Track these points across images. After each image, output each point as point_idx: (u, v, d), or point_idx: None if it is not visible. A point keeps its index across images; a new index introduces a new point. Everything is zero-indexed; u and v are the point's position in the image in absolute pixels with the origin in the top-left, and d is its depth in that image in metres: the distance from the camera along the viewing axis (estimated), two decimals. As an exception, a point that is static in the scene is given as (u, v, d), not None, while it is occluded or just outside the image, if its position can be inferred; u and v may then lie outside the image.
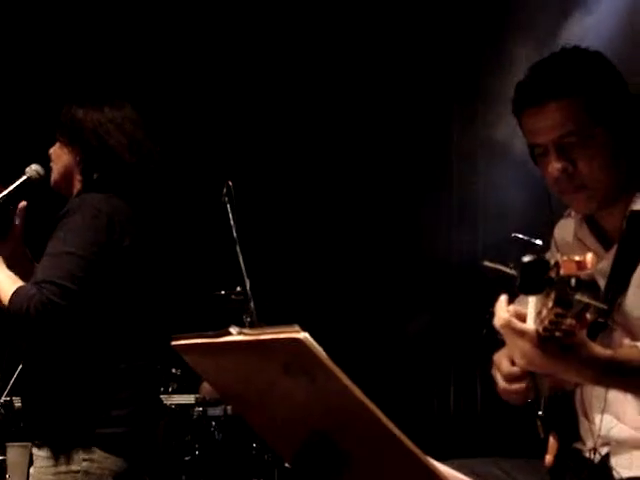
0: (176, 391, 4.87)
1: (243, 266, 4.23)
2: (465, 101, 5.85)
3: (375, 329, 5.99)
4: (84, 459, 2.75)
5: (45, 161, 3.05)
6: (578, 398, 2.16)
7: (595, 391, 2.10)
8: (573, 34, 4.57)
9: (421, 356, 5.95)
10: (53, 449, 2.78)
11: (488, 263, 2.11)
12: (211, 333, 1.68)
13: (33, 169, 3.04)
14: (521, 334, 1.73)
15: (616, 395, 2.04)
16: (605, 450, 2.11)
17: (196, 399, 4.76)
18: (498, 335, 1.82)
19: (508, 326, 1.75)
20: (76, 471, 2.75)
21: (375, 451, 1.65)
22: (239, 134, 6.19)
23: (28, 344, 2.89)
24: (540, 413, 2.03)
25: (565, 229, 2.33)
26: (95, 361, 2.80)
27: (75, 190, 2.98)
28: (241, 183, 4.33)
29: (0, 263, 2.86)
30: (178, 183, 4.33)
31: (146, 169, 2.98)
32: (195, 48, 6.10)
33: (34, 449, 2.87)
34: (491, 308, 1.80)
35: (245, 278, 4.26)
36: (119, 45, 5.91)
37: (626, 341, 2.05)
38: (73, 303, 2.69)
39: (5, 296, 2.72)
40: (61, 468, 2.76)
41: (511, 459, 2.25)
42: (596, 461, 2.10)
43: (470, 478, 1.97)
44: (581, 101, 2.11)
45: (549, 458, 1.97)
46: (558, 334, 1.67)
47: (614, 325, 2.09)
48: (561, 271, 1.61)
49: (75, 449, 2.75)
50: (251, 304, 4.28)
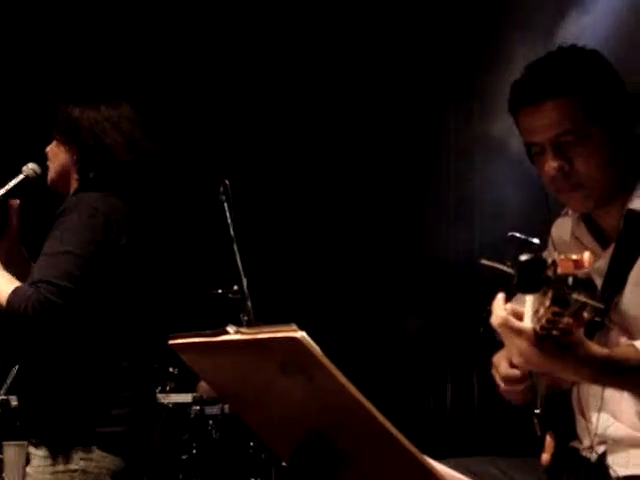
0: (173, 390, 4.86)
1: (240, 265, 4.23)
2: (461, 99, 5.85)
3: (372, 328, 5.99)
4: (82, 458, 2.74)
5: (42, 160, 3.05)
6: (575, 397, 2.16)
7: (592, 390, 2.10)
8: (570, 33, 4.57)
9: (418, 355, 5.95)
10: (51, 448, 2.77)
11: (485, 261, 2.12)
12: (208, 332, 1.68)
13: (30, 168, 3.04)
14: (518, 333, 1.73)
15: (613, 394, 2.04)
16: (602, 449, 2.11)
17: (193, 398, 4.75)
18: (495, 334, 1.82)
19: (505, 325, 1.75)
20: (74, 470, 2.74)
21: (372, 450, 1.65)
22: (236, 133, 6.19)
23: (25, 344, 2.88)
24: (537, 411, 2.03)
25: (562, 228, 2.33)
26: (94, 360, 2.80)
27: (72, 189, 2.98)
28: (238, 182, 4.34)
29: None
30: (175, 182, 4.32)
31: (143, 168, 2.98)
32: (192, 48, 6.09)
33: (31, 448, 2.86)
34: (488, 306, 1.80)
35: (242, 277, 4.26)
36: (116, 44, 5.90)
37: (623, 340, 2.05)
38: (71, 302, 2.69)
39: (2, 297, 2.72)
40: (59, 467, 2.75)
41: (508, 458, 2.25)
42: (593, 460, 2.10)
43: (467, 477, 1.98)
44: (578, 100, 2.11)
45: (546, 457, 1.98)
46: (555, 333, 1.67)
47: (611, 324, 2.09)
48: (558, 270, 1.61)
49: (74, 448, 2.75)
50: (248, 303, 4.29)
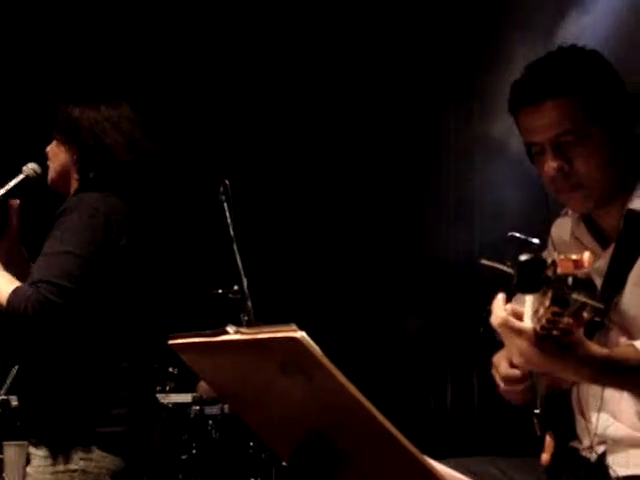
0: (173, 390, 4.86)
1: (240, 265, 4.23)
2: (461, 99, 5.85)
3: (372, 328, 5.99)
4: (82, 458, 2.74)
5: (42, 160, 3.05)
6: (575, 397, 2.16)
7: (592, 389, 2.10)
8: (570, 33, 4.56)
9: (418, 355, 5.95)
10: (51, 448, 2.77)
11: (485, 261, 2.12)
12: (208, 332, 1.68)
13: (30, 168, 3.04)
14: (518, 333, 1.73)
15: (612, 394, 2.04)
16: (601, 449, 2.11)
17: (193, 398, 4.75)
18: (495, 334, 1.82)
19: (505, 325, 1.75)
20: (74, 470, 2.74)
21: (372, 450, 1.65)
22: (236, 133, 6.18)
23: (25, 344, 2.88)
24: (537, 411, 2.03)
25: (562, 228, 2.33)
26: (94, 360, 2.79)
27: (72, 189, 2.98)
28: (238, 182, 4.33)
29: None
30: (175, 182, 4.32)
31: (143, 168, 2.98)
32: (192, 48, 6.09)
33: (31, 448, 2.86)
34: (488, 306, 1.80)
35: (242, 277, 4.26)
36: (116, 44, 5.89)
37: (623, 340, 2.05)
38: (71, 302, 2.69)
39: (2, 297, 2.71)
40: (59, 467, 2.75)
41: (508, 458, 2.25)
42: (592, 460, 2.10)
43: (467, 477, 1.98)
44: (578, 100, 2.11)
45: (546, 457, 1.98)
46: (555, 333, 1.67)
47: (611, 324, 2.09)
48: (558, 270, 1.61)
49: (74, 448, 2.74)
50: (248, 303, 4.28)
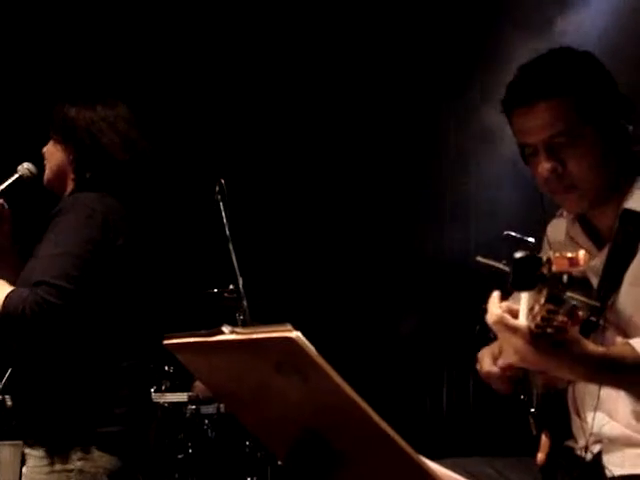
0: (169, 389, 4.86)
1: (236, 264, 4.22)
2: (456, 98, 5.84)
3: (367, 327, 5.99)
4: (80, 458, 2.73)
5: (39, 160, 3.04)
6: (570, 396, 2.16)
7: (588, 388, 2.10)
8: (569, 24, 4.57)
9: (414, 355, 5.95)
10: (49, 448, 2.76)
11: (480, 258, 2.12)
12: (203, 332, 1.68)
13: (25, 167, 3.04)
14: (513, 330, 1.73)
15: (609, 393, 2.04)
16: (597, 448, 2.11)
17: (189, 397, 4.74)
18: (491, 332, 1.82)
19: (500, 322, 1.75)
20: (70, 470, 2.73)
21: (368, 450, 1.64)
22: (232, 132, 6.18)
23: (20, 345, 2.86)
24: (533, 411, 2.03)
25: (557, 228, 2.34)
26: (91, 360, 2.79)
27: (68, 189, 2.97)
28: (233, 181, 4.33)
29: None
30: (171, 181, 4.32)
31: (139, 168, 2.97)
32: (188, 48, 6.09)
33: (26, 448, 2.85)
34: (484, 305, 1.80)
35: (238, 276, 4.25)
36: (112, 44, 5.89)
37: (619, 339, 2.05)
38: (70, 302, 2.67)
39: None
40: (56, 467, 2.74)
41: (504, 458, 2.25)
42: (588, 459, 2.10)
43: (463, 477, 1.97)
44: (571, 101, 2.12)
45: (541, 456, 1.98)
46: (550, 330, 1.67)
47: (606, 324, 2.09)
48: (553, 267, 1.61)
49: (73, 448, 2.73)
50: (244, 302, 4.27)
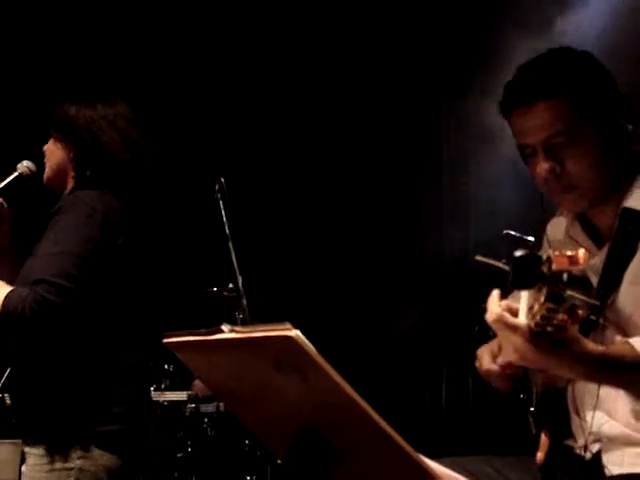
0: (168, 388, 4.86)
1: (235, 263, 4.22)
2: (456, 97, 5.84)
3: (367, 326, 5.99)
4: (80, 457, 2.72)
5: (38, 158, 3.04)
6: (570, 395, 2.16)
7: (588, 387, 2.10)
8: (568, 24, 4.57)
9: (413, 353, 5.95)
10: (49, 447, 2.75)
11: (480, 257, 2.12)
12: (203, 330, 1.68)
13: (25, 165, 3.03)
14: (513, 329, 1.73)
15: (608, 392, 2.04)
16: (596, 447, 2.11)
17: (188, 396, 4.74)
18: (490, 331, 1.82)
19: (500, 321, 1.74)
20: (70, 468, 2.73)
21: (367, 449, 1.64)
22: (231, 131, 6.18)
23: (20, 343, 2.86)
24: (532, 409, 2.03)
25: (557, 227, 2.34)
26: (92, 359, 2.78)
27: (68, 187, 2.97)
28: (233, 180, 4.33)
29: None
30: (171, 180, 4.31)
31: (139, 166, 2.97)
32: (188, 46, 6.08)
33: (26, 447, 2.84)
34: (483, 304, 1.80)
35: (237, 275, 4.24)
36: (112, 43, 5.89)
37: (618, 338, 2.05)
38: (70, 301, 2.66)
39: None
40: (56, 465, 2.73)
41: (503, 457, 2.25)
42: (587, 458, 2.10)
43: (462, 476, 1.97)
44: (570, 101, 2.11)
45: (540, 455, 1.98)
46: (550, 329, 1.67)
47: (606, 322, 2.09)
48: (553, 266, 1.60)
49: (73, 447, 2.73)
50: (243, 301, 4.27)
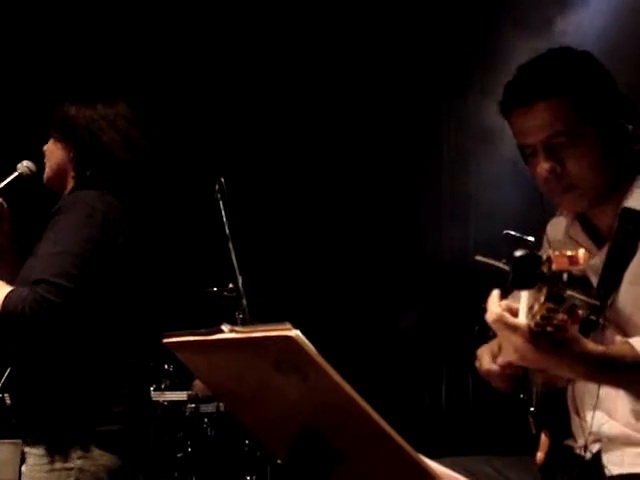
0: (168, 388, 4.86)
1: (235, 263, 4.22)
2: (456, 97, 5.84)
3: (367, 326, 5.99)
4: (80, 457, 2.72)
5: (38, 158, 3.04)
6: (570, 395, 2.16)
7: (588, 387, 2.10)
8: (568, 24, 4.57)
9: (413, 353, 5.95)
10: (49, 446, 2.75)
11: (480, 257, 2.11)
12: (203, 331, 1.68)
13: (25, 165, 3.03)
14: (513, 329, 1.73)
15: (608, 392, 2.04)
16: (596, 447, 2.11)
17: (188, 396, 4.74)
18: (490, 331, 1.81)
19: (500, 321, 1.74)
20: (70, 468, 2.73)
21: (367, 449, 1.64)
22: (231, 131, 6.18)
23: (20, 343, 2.86)
24: (532, 409, 2.03)
25: (557, 227, 2.34)
26: (92, 359, 2.78)
27: (68, 187, 2.97)
28: (233, 180, 4.33)
29: None
30: (171, 180, 4.32)
31: (139, 166, 2.97)
32: (188, 46, 6.08)
33: (26, 447, 2.84)
34: (483, 304, 1.80)
35: (237, 275, 4.25)
36: (112, 43, 5.89)
37: (618, 338, 2.05)
38: (70, 301, 2.66)
39: None
40: (56, 465, 2.73)
41: (503, 457, 2.25)
42: (587, 458, 2.10)
43: (462, 476, 1.97)
44: (570, 101, 2.11)
45: (540, 455, 1.98)
46: (550, 329, 1.67)
47: (606, 323, 2.09)
48: (553, 266, 1.60)
49: (73, 447, 2.73)
50: (243, 301, 4.27)
